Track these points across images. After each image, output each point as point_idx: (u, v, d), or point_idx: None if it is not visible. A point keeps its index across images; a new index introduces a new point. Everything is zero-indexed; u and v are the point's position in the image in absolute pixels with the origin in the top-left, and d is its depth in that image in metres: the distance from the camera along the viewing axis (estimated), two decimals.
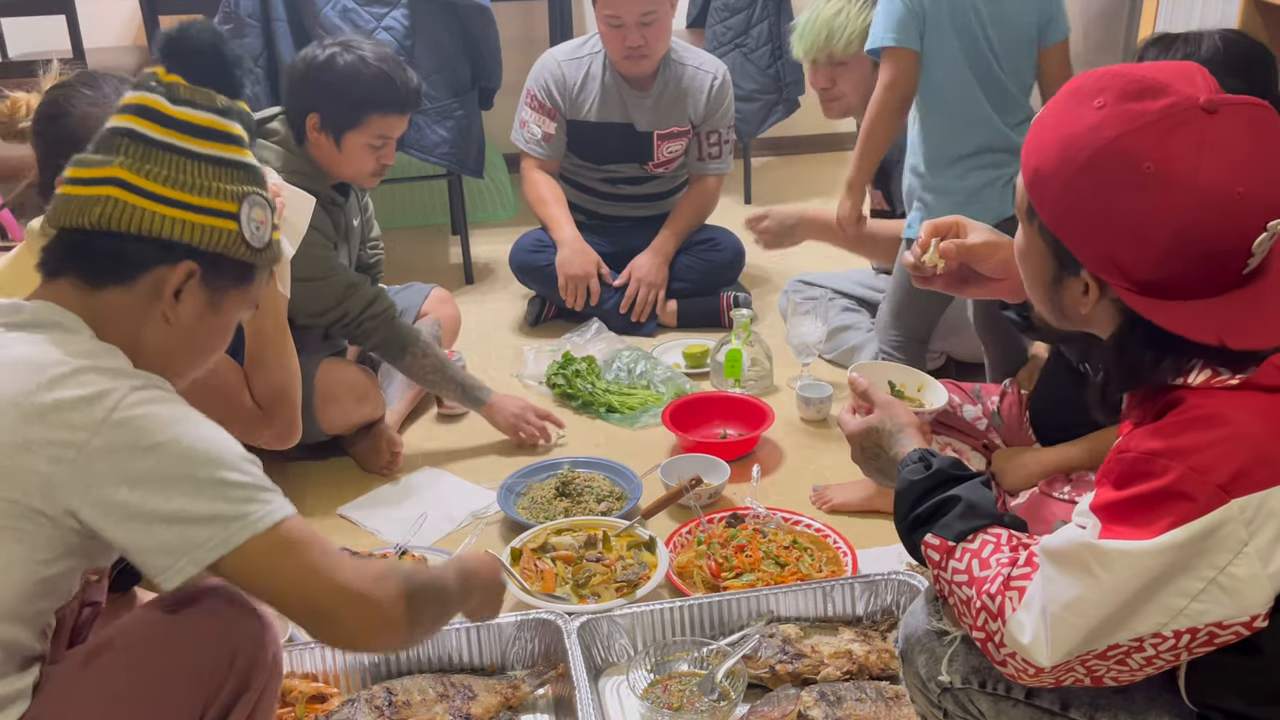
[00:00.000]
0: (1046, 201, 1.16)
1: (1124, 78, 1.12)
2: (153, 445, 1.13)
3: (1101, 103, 1.11)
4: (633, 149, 3.22)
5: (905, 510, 1.34)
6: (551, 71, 3.20)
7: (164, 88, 1.24)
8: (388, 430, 2.55)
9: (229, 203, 1.25)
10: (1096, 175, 1.10)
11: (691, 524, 2.20)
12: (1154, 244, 1.09)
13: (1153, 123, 1.08)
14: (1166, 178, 1.07)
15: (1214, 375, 1.11)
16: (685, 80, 3.20)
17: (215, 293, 1.29)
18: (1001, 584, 1.20)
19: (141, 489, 1.12)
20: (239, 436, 1.84)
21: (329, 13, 3.16)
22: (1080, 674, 1.17)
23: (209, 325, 1.31)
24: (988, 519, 1.28)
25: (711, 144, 3.26)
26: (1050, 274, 1.21)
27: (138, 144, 1.22)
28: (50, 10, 3.32)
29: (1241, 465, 1.06)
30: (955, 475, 1.34)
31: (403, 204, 4.17)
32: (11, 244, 2.81)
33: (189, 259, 1.24)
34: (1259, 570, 1.07)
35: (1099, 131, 1.10)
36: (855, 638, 1.85)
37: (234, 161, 1.27)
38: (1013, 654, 1.19)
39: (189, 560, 1.14)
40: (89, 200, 1.21)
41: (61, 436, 1.11)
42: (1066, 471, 1.98)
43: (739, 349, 2.81)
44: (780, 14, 4.00)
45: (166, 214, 1.22)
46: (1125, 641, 1.12)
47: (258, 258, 1.30)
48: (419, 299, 2.89)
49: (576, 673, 1.71)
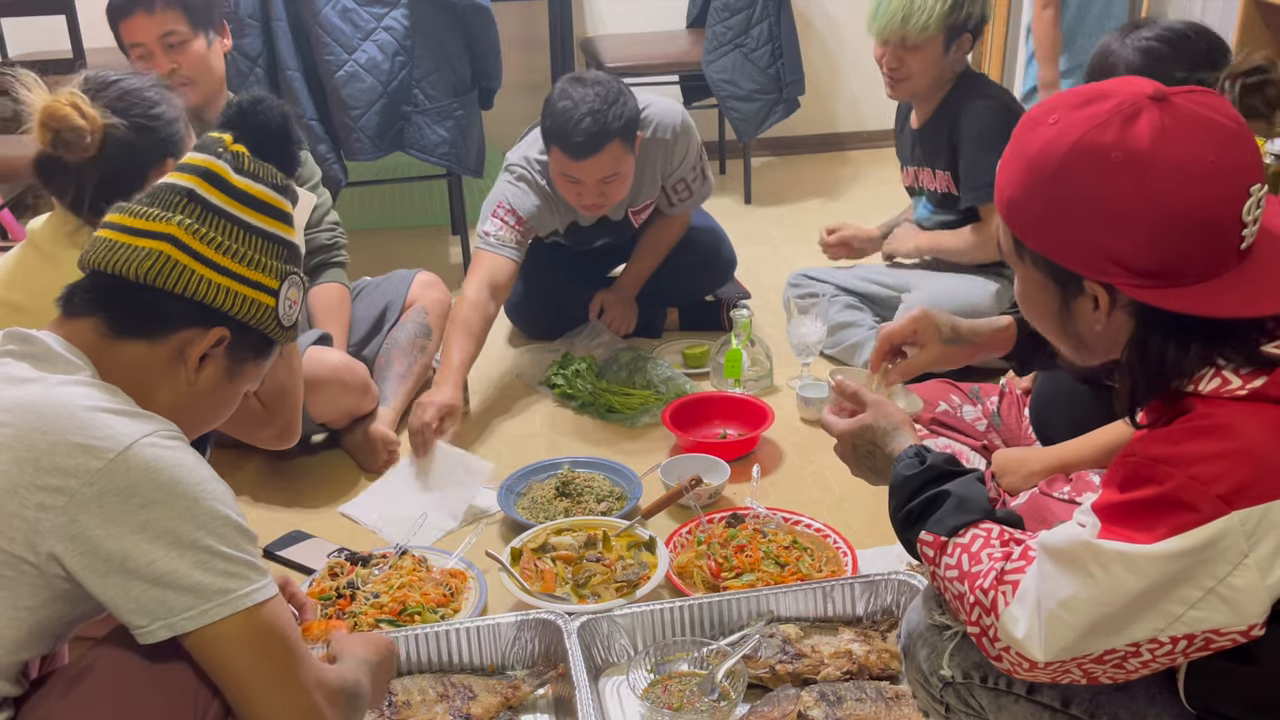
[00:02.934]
0: (1028, 227, 1.18)
1: (1068, 94, 1.17)
2: (147, 501, 1.11)
3: (1055, 119, 1.15)
4: (611, 231, 3.03)
5: (899, 505, 1.36)
6: (529, 212, 2.77)
7: (230, 156, 1.29)
8: (383, 430, 2.54)
9: (272, 279, 1.30)
10: (1068, 179, 1.13)
11: (691, 524, 2.20)
12: (1140, 228, 1.10)
13: (1108, 119, 1.11)
14: (1135, 162, 1.09)
15: (1224, 384, 1.11)
16: (647, 156, 2.83)
17: (236, 363, 1.32)
18: (994, 578, 1.21)
19: (127, 543, 1.10)
20: (240, 433, 1.85)
21: (329, 13, 3.16)
22: (1076, 675, 1.17)
23: (222, 393, 1.33)
24: (980, 514, 1.28)
25: (678, 192, 2.97)
26: (1056, 303, 1.21)
27: (197, 206, 1.26)
28: (50, 10, 3.32)
29: (1244, 478, 1.06)
30: (949, 471, 1.35)
31: (403, 204, 4.17)
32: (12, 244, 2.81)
33: (222, 325, 1.27)
34: (1258, 581, 1.07)
35: (1059, 140, 1.13)
36: (855, 638, 1.85)
37: (283, 240, 1.33)
38: (1007, 648, 1.19)
39: (163, 625, 1.12)
40: (140, 252, 1.23)
41: (53, 483, 1.09)
42: (1066, 471, 1.98)
43: (739, 349, 2.81)
44: (780, 14, 4.00)
45: (214, 279, 1.25)
46: (1121, 646, 1.12)
47: (282, 335, 1.35)
48: (403, 289, 2.80)
49: (576, 673, 1.71)
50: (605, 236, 3.05)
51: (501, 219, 2.76)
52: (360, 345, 2.72)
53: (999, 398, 2.36)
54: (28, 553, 1.10)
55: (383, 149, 3.31)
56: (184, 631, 1.13)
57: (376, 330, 2.76)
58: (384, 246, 3.85)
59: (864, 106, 4.86)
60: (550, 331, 3.12)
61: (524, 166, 2.80)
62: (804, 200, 4.34)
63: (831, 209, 4.25)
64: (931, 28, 2.64)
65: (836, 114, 4.89)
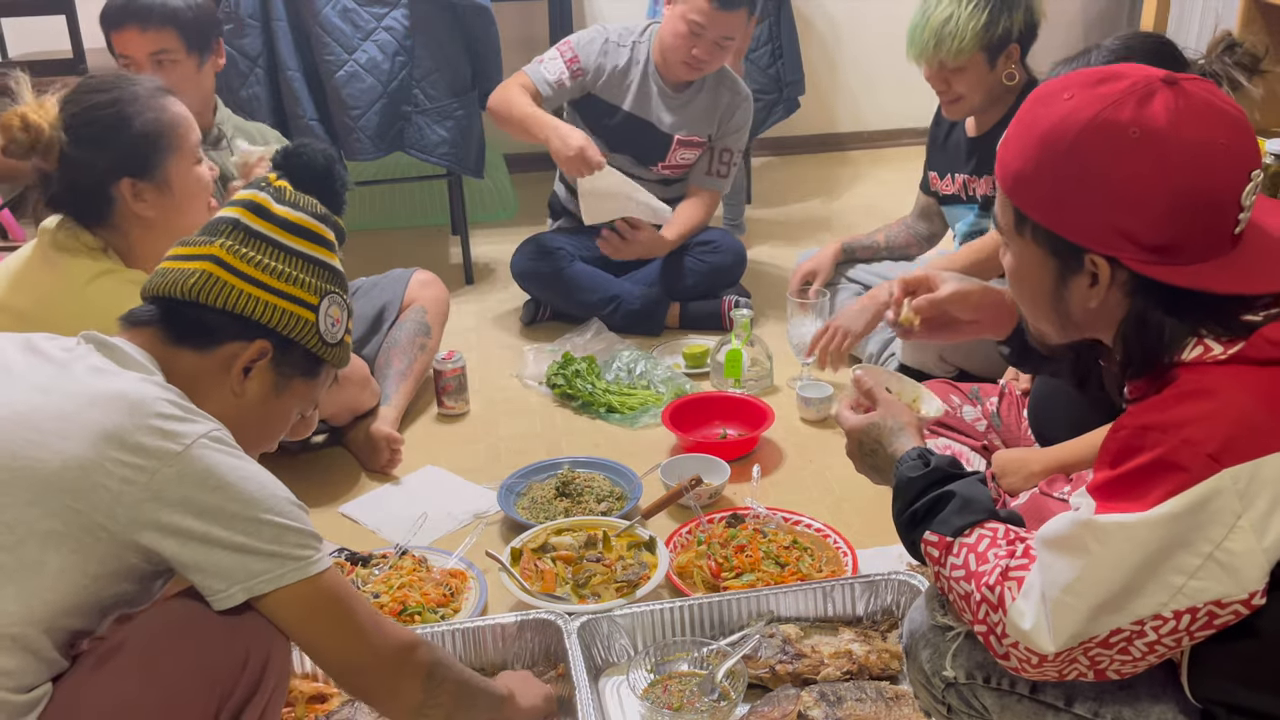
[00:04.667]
0: (1036, 201, 1.19)
1: (1082, 73, 1.19)
2: (220, 485, 1.22)
3: (1070, 95, 1.17)
4: (646, 149, 3.21)
5: (903, 507, 1.36)
6: (599, 43, 3.17)
7: (274, 190, 1.40)
8: (386, 429, 2.55)
9: (311, 295, 1.39)
10: (1083, 154, 1.14)
11: (691, 524, 2.20)
12: (1154, 204, 1.12)
13: (1123, 98, 1.14)
14: (1152, 139, 1.12)
15: (1206, 351, 1.14)
16: (718, 94, 3.21)
17: (282, 378, 1.40)
18: (1000, 575, 1.22)
19: (205, 520, 1.21)
20: None
21: (329, 13, 3.16)
22: (1083, 665, 1.18)
23: (270, 408, 1.41)
24: (984, 514, 1.29)
25: (722, 161, 3.27)
26: (1051, 280, 1.23)
27: (240, 231, 1.37)
28: (50, 10, 3.32)
29: (1229, 435, 1.08)
30: (952, 473, 1.35)
31: (403, 204, 4.18)
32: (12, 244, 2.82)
33: (265, 339, 1.36)
34: (1254, 544, 1.08)
35: (1076, 115, 1.15)
36: (855, 638, 1.85)
37: (320, 261, 1.41)
38: (1015, 644, 1.19)
39: (242, 588, 1.23)
40: (186, 273, 1.35)
41: (136, 461, 1.19)
42: (1066, 471, 1.98)
43: (739, 349, 2.81)
44: (780, 14, 4.00)
45: (252, 293, 1.35)
46: (1127, 626, 1.13)
47: (328, 353, 1.43)
48: (400, 288, 2.81)
49: (576, 673, 1.71)
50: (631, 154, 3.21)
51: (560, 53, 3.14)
52: (359, 345, 2.72)
53: (999, 398, 2.36)
54: (109, 521, 1.18)
55: (383, 149, 3.31)
56: (261, 594, 1.24)
57: (375, 329, 2.75)
58: (384, 246, 3.85)
59: (864, 106, 4.86)
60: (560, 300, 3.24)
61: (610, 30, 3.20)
62: (804, 200, 4.34)
63: (831, 209, 4.26)
64: (968, 49, 2.50)
65: (836, 114, 4.90)
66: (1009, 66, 2.56)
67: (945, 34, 2.49)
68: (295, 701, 1.72)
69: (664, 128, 3.17)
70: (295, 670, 1.76)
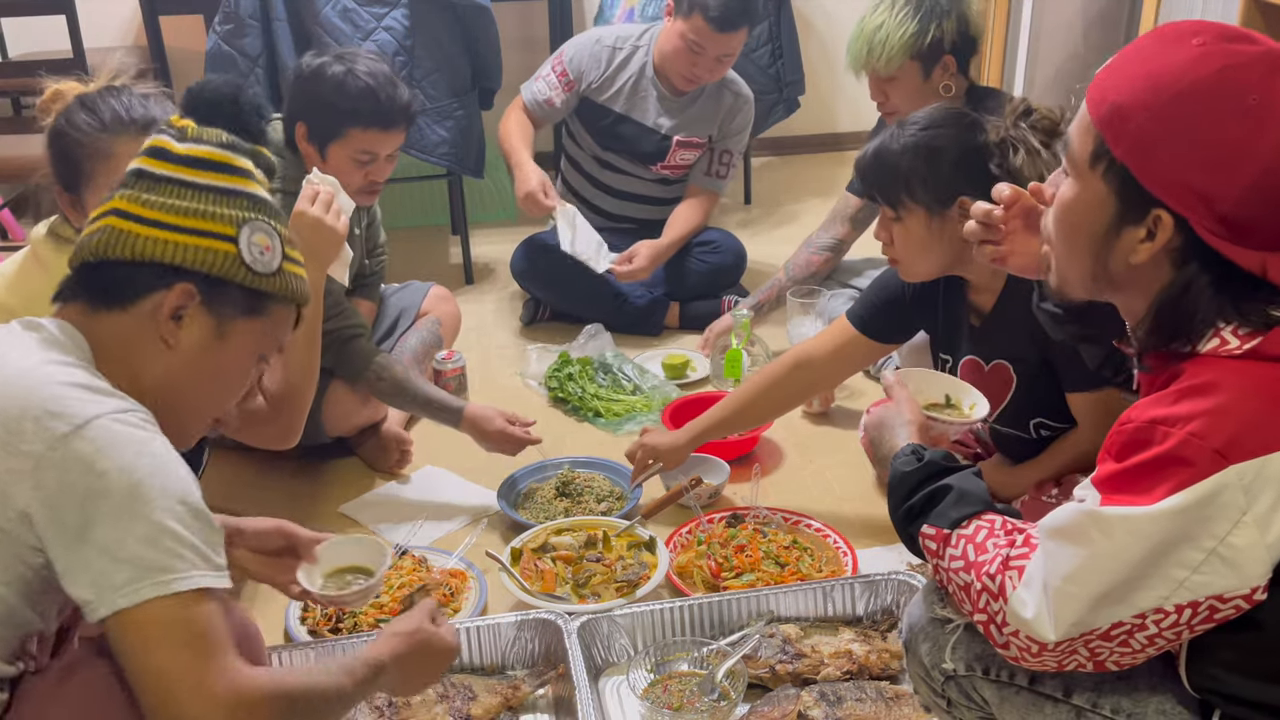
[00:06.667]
0: (1126, 135, 1.13)
1: (1217, 25, 1.14)
2: (104, 471, 1.11)
3: (1201, 41, 1.12)
4: (642, 150, 3.22)
5: (899, 501, 1.37)
6: (589, 50, 3.19)
7: (175, 131, 1.31)
8: (395, 429, 2.55)
9: (225, 225, 1.27)
10: (1195, 104, 1.10)
11: (691, 524, 2.20)
12: (1243, 176, 1.09)
13: (1255, 61, 1.10)
14: (1268, 110, 1.08)
15: (1222, 344, 1.13)
16: (720, 97, 3.21)
17: (221, 320, 1.29)
18: (1000, 564, 1.22)
19: (87, 510, 1.10)
20: (241, 430, 1.85)
21: (329, 13, 3.16)
22: (1083, 656, 1.18)
23: (219, 356, 1.30)
24: (981, 505, 1.29)
25: (722, 162, 3.27)
26: (1105, 224, 1.18)
27: (142, 180, 1.28)
28: (50, 10, 3.32)
29: (1237, 431, 1.07)
30: (947, 466, 1.36)
31: (403, 204, 4.18)
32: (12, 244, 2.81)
33: (185, 281, 1.25)
34: (1257, 539, 1.08)
35: (1202, 64, 1.11)
36: (855, 638, 1.85)
37: (233, 190, 1.30)
38: (1015, 633, 1.20)
39: (102, 602, 1.10)
40: (91, 235, 1.27)
41: (22, 448, 1.11)
42: (1056, 478, 2.00)
43: (739, 349, 2.81)
44: (780, 14, 4.00)
45: (158, 236, 1.25)
46: (1128, 619, 1.13)
47: (267, 284, 1.31)
48: (418, 298, 2.87)
49: (576, 673, 1.71)
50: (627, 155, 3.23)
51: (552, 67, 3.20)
52: None
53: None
54: (4, 520, 1.11)
55: None
56: (118, 609, 1.09)
57: (389, 335, 2.79)
58: (388, 253, 3.84)
59: (864, 106, 4.79)
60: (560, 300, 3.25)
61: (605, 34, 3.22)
62: (804, 200, 4.33)
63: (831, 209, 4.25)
64: (898, 58, 2.52)
65: (836, 114, 4.89)
66: (945, 78, 2.56)
67: (876, 42, 2.52)
68: None
69: (661, 130, 3.18)
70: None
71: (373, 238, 2.70)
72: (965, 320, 2.05)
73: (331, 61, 2.33)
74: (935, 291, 2.09)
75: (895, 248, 1.98)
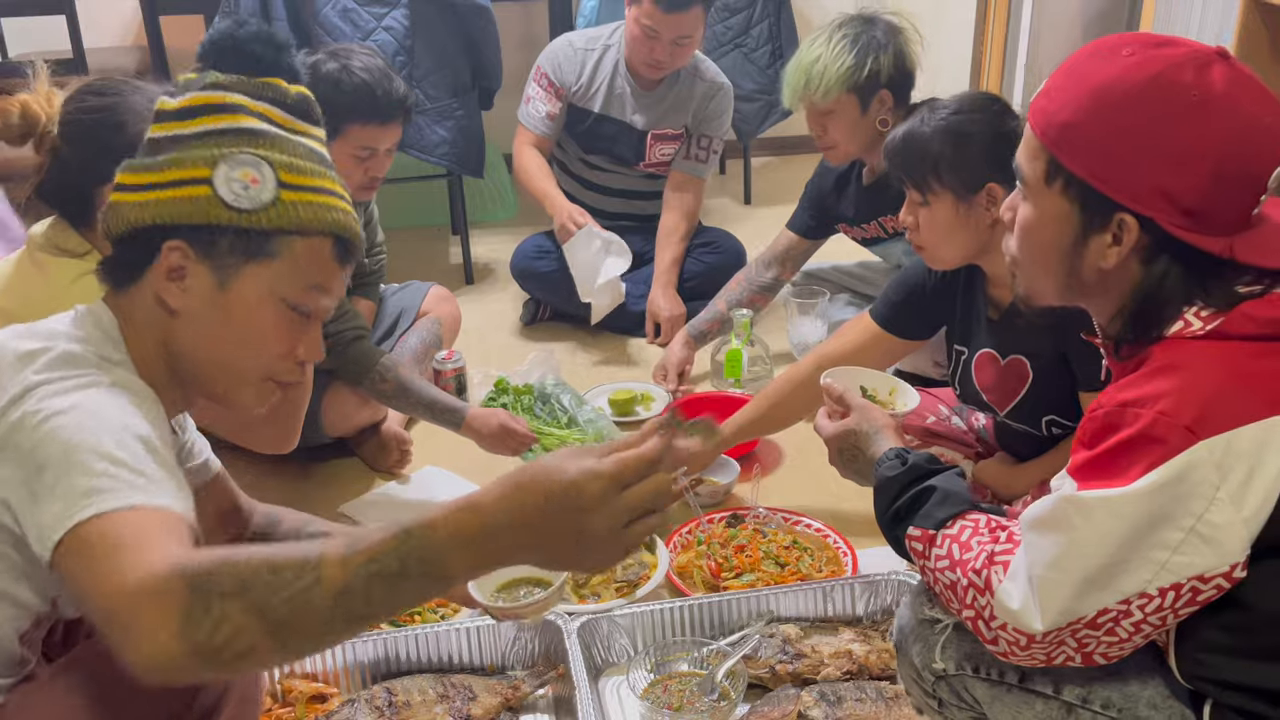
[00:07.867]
0: (1080, 150, 1.18)
1: (1141, 35, 1.20)
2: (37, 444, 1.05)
3: (1130, 51, 1.17)
4: (623, 149, 3.22)
5: (885, 506, 1.38)
6: (565, 54, 3.19)
7: (173, 88, 1.27)
8: (396, 429, 2.55)
9: (197, 168, 1.19)
10: (1142, 109, 1.14)
11: (691, 524, 2.20)
12: (1202, 168, 1.13)
13: (1185, 61, 1.15)
14: (1210, 106, 1.13)
15: (1185, 327, 1.15)
16: (692, 86, 3.21)
17: (223, 270, 1.21)
18: (986, 559, 1.23)
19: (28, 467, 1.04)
20: (239, 433, 1.85)
21: (329, 13, 3.16)
22: (1071, 648, 1.19)
23: (225, 308, 1.22)
24: (965, 505, 1.31)
25: (700, 146, 3.25)
26: (1070, 236, 1.22)
27: (145, 147, 1.24)
28: (50, 10, 3.33)
29: (1203, 407, 1.09)
30: (930, 468, 1.37)
31: (403, 204, 4.17)
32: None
33: (170, 238, 1.20)
34: (1233, 516, 1.09)
35: (1138, 70, 1.15)
36: (855, 638, 1.85)
37: (212, 130, 1.21)
38: (1004, 626, 1.20)
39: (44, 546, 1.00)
40: (102, 217, 1.25)
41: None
42: None
43: (739, 349, 2.81)
44: (780, 14, 4.00)
45: (138, 200, 1.20)
46: (1113, 605, 1.14)
47: (261, 219, 1.20)
48: (418, 298, 2.87)
49: (576, 673, 1.71)
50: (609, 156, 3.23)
51: (535, 81, 3.20)
52: None
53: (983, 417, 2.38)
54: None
55: None
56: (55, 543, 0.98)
57: (388, 336, 2.79)
58: (386, 251, 3.84)
59: None
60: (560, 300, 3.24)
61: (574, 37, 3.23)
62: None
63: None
64: (834, 91, 2.51)
65: None
66: (883, 112, 2.55)
67: (814, 74, 2.53)
68: (295, 701, 1.72)
69: (638, 126, 3.19)
70: (295, 670, 1.76)
71: (370, 236, 2.69)
72: (983, 313, 2.06)
73: (326, 59, 2.33)
74: (955, 284, 2.10)
75: (920, 233, 1.99)
